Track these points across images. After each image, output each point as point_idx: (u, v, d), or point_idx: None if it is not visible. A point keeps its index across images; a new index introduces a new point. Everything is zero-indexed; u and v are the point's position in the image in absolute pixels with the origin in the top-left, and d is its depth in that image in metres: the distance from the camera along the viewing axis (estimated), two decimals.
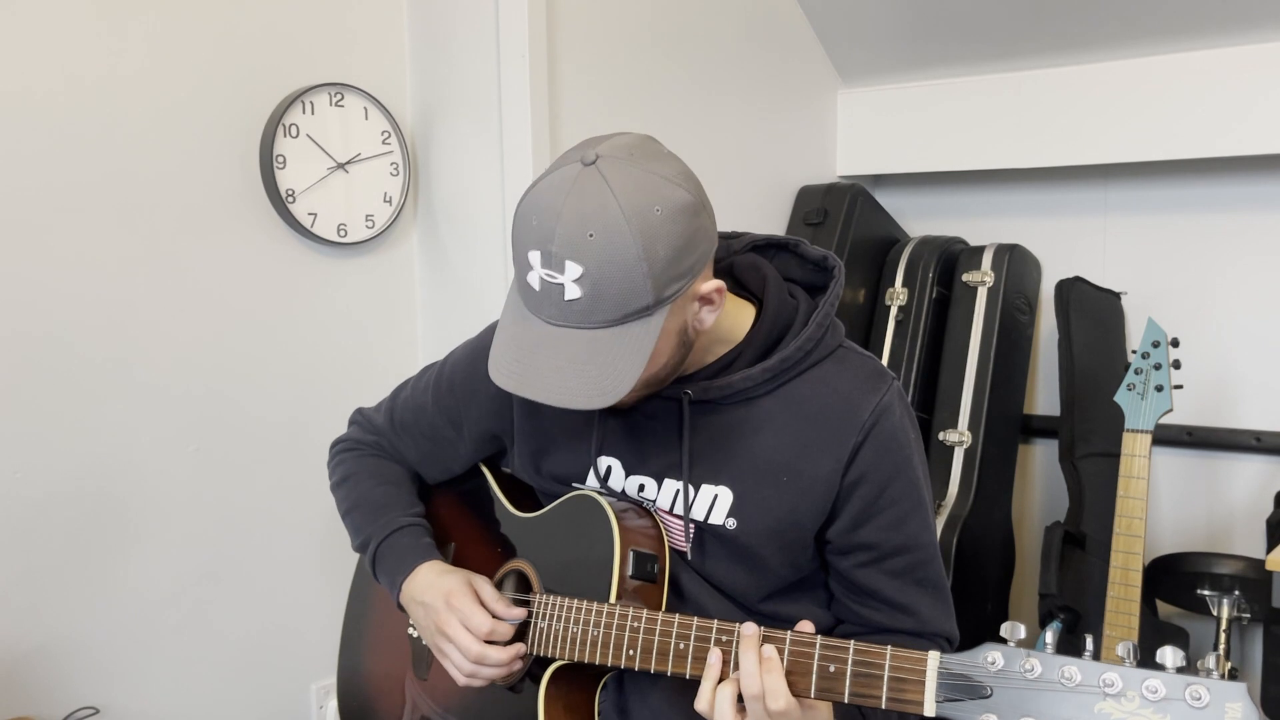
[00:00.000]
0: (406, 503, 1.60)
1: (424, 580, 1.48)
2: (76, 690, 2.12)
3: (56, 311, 2.05)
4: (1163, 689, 0.93)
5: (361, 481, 1.62)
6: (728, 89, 2.87)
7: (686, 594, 1.39)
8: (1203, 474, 2.87)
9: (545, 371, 1.20)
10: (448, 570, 1.48)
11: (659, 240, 1.16)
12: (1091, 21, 2.72)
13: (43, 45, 2.01)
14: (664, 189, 1.17)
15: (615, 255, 1.15)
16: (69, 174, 2.05)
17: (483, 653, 1.38)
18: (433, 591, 1.45)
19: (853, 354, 1.40)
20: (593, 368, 1.19)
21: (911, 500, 1.35)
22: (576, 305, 1.18)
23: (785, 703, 1.16)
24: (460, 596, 1.41)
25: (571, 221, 1.15)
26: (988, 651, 1.03)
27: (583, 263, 1.15)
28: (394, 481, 1.62)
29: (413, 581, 1.49)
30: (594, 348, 1.19)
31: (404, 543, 1.54)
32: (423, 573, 1.49)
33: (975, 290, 2.93)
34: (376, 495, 1.60)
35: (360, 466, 1.64)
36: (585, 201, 1.15)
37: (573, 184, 1.16)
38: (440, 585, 1.45)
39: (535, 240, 1.17)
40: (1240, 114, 2.60)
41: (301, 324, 2.40)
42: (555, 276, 1.17)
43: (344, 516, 1.63)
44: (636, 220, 1.15)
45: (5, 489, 2.01)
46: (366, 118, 2.43)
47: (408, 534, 1.54)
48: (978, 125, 3.00)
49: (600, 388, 1.19)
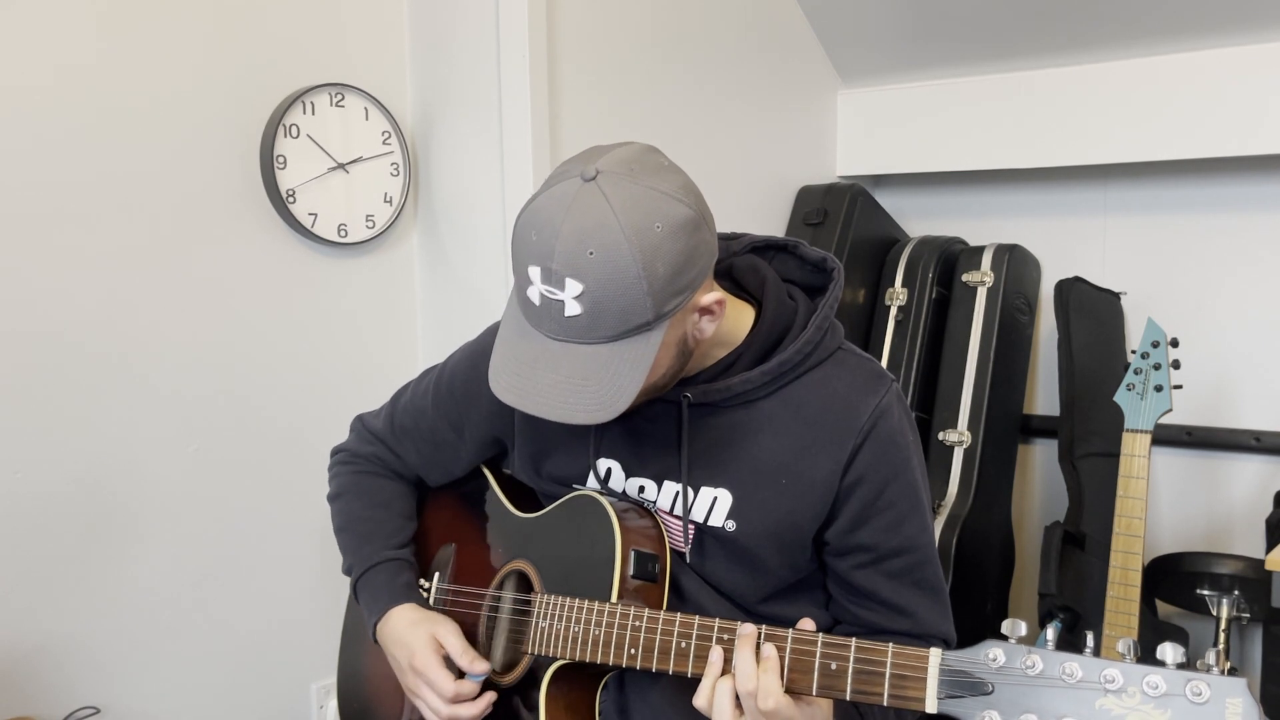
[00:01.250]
0: (392, 530, 1.61)
1: (393, 631, 1.51)
2: (76, 690, 2.12)
3: (57, 311, 2.05)
4: (1163, 685, 0.94)
5: (351, 503, 1.64)
6: (728, 89, 2.87)
7: (686, 595, 1.39)
8: (1202, 474, 2.87)
9: (545, 387, 1.21)
10: (416, 621, 1.50)
11: (659, 257, 1.16)
12: (1092, 22, 2.72)
13: (42, 45, 2.01)
14: (664, 205, 1.17)
15: (615, 273, 1.15)
16: (69, 173, 2.05)
17: (453, 713, 1.42)
18: (399, 647, 1.49)
19: (852, 356, 1.40)
20: (593, 383, 1.19)
21: (910, 502, 1.36)
22: (577, 322, 1.18)
23: (775, 702, 1.16)
24: (423, 657, 1.45)
25: (571, 239, 1.15)
26: (989, 648, 1.03)
27: (583, 280, 1.15)
28: (384, 504, 1.63)
29: (384, 627, 1.53)
30: (594, 363, 1.20)
31: (379, 580, 1.56)
32: (394, 619, 1.52)
33: (975, 290, 2.93)
34: (363, 520, 1.62)
35: (353, 484, 1.65)
36: (585, 219, 1.15)
37: (573, 200, 1.16)
38: (406, 642, 1.48)
39: (535, 256, 1.17)
40: (1240, 114, 2.61)
41: (301, 324, 2.40)
42: (555, 293, 1.17)
43: (335, 534, 1.66)
44: (636, 238, 1.15)
45: (5, 489, 2.01)
46: (367, 118, 2.43)
47: (384, 571, 1.57)
48: (978, 125, 3.00)
49: (600, 402, 1.19)
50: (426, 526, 1.67)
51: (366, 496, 1.63)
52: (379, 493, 1.64)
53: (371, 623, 1.55)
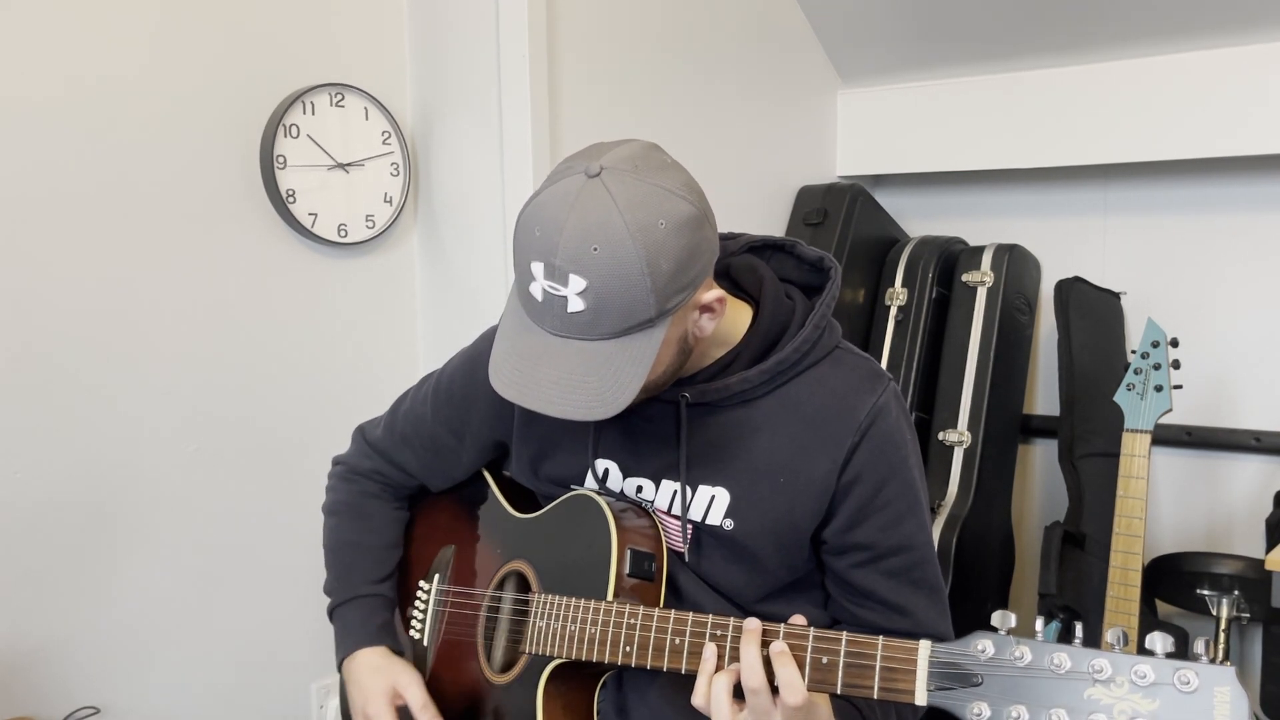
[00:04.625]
0: (373, 564, 1.63)
1: (355, 673, 1.55)
2: (76, 690, 2.12)
3: (56, 312, 2.06)
4: (1151, 674, 0.94)
5: (341, 525, 1.66)
6: (728, 89, 2.88)
7: (684, 594, 1.39)
8: (1202, 474, 2.87)
9: (547, 383, 1.21)
10: (378, 669, 1.53)
11: (663, 254, 1.16)
12: (1091, 22, 2.72)
13: (43, 46, 2.01)
14: (668, 202, 1.18)
15: (619, 269, 1.15)
16: (69, 174, 2.06)
17: None
18: (358, 689, 1.53)
19: (849, 355, 1.40)
20: (594, 379, 1.19)
21: (907, 501, 1.36)
22: (579, 318, 1.18)
23: (802, 697, 1.15)
24: (376, 705, 1.49)
25: (575, 235, 1.15)
26: (978, 640, 1.03)
27: (586, 276, 1.15)
28: (373, 531, 1.65)
29: (349, 665, 1.56)
30: (596, 359, 1.20)
31: (353, 617, 1.59)
32: (359, 660, 1.55)
33: (975, 290, 2.93)
34: (349, 549, 1.64)
35: (346, 504, 1.67)
36: (589, 215, 1.15)
37: (576, 196, 1.16)
38: (365, 686, 1.52)
39: (538, 252, 1.18)
40: (1240, 114, 2.61)
41: (301, 324, 2.40)
42: (558, 289, 1.17)
43: (323, 549, 1.68)
44: (641, 234, 1.15)
45: (5, 489, 2.02)
46: (367, 118, 2.44)
47: (360, 608, 1.59)
48: (978, 125, 3.00)
49: (601, 399, 1.19)
50: (426, 528, 1.67)
51: (358, 522, 1.65)
52: (370, 519, 1.65)
53: (339, 656, 1.58)
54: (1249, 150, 2.61)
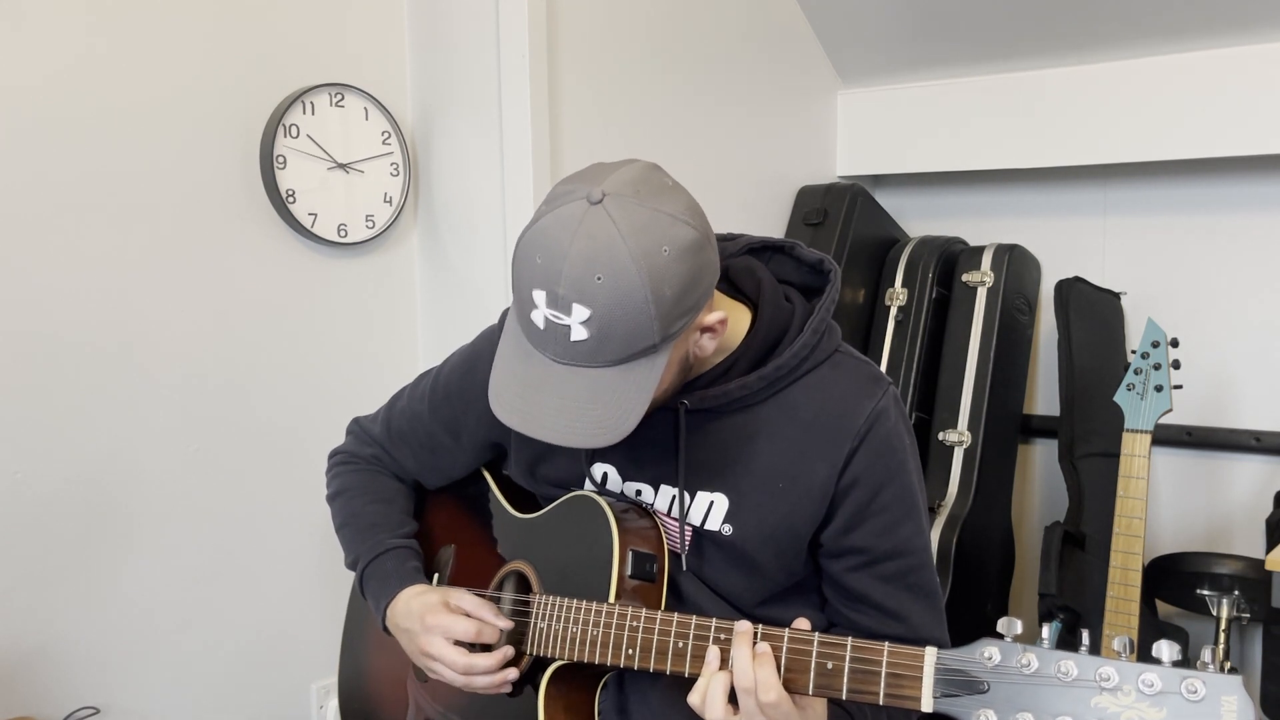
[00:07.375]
0: (396, 523, 1.59)
1: (403, 606, 1.48)
2: (76, 690, 2.12)
3: (56, 311, 2.06)
4: (1159, 683, 0.94)
5: (354, 498, 1.62)
6: (728, 89, 2.88)
7: (685, 597, 1.39)
8: (1202, 474, 2.87)
9: (550, 411, 1.20)
10: (425, 590, 1.48)
11: (666, 281, 1.16)
12: (1091, 22, 2.72)
13: (42, 45, 2.01)
14: (671, 228, 1.17)
15: (623, 298, 1.14)
16: (68, 173, 2.06)
17: (469, 663, 1.38)
18: (410, 616, 1.45)
19: (849, 359, 1.40)
20: (598, 407, 1.19)
21: (905, 506, 1.35)
22: (582, 346, 1.18)
23: (776, 695, 1.16)
24: (436, 613, 1.41)
25: (579, 264, 1.14)
26: (984, 647, 1.03)
27: (590, 305, 1.15)
28: (386, 499, 1.62)
29: (394, 608, 1.49)
30: (599, 387, 1.19)
31: (388, 567, 1.54)
32: (403, 599, 1.49)
33: (975, 290, 2.93)
34: (367, 513, 1.60)
35: (354, 482, 1.64)
36: (592, 243, 1.14)
37: (579, 224, 1.15)
38: (416, 607, 1.45)
39: (540, 280, 1.17)
40: (1240, 114, 2.60)
41: (301, 324, 2.40)
42: (561, 318, 1.16)
43: (337, 531, 1.64)
44: (645, 262, 1.14)
45: (5, 489, 2.02)
46: (367, 118, 2.43)
47: (392, 558, 1.54)
48: (977, 125, 3.00)
49: (605, 426, 1.19)
50: (426, 528, 1.67)
51: (369, 492, 1.63)
52: (381, 490, 1.63)
53: (381, 607, 1.51)
54: (1249, 150, 2.61)
